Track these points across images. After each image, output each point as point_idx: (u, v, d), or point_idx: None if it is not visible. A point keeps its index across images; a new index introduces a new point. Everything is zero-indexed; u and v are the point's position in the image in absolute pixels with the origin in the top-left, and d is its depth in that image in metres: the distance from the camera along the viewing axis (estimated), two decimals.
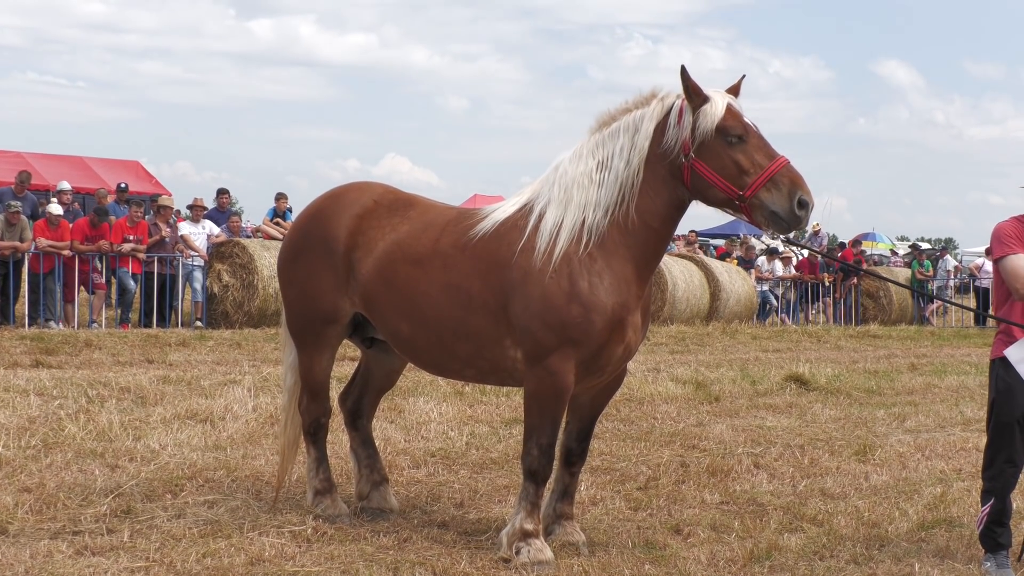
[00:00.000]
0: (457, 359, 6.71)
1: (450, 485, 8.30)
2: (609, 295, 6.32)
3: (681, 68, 6.15)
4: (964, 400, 14.19)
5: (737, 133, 6.20)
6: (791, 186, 6.11)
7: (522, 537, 6.38)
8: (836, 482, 8.87)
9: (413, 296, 6.62)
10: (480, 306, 6.47)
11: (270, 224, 22.71)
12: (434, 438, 9.97)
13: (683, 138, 6.25)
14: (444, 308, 6.55)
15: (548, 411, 6.43)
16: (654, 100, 6.45)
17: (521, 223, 6.50)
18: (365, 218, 6.90)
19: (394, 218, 6.88)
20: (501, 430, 10.53)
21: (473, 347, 6.58)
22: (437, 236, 6.67)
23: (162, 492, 7.62)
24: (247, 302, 19.60)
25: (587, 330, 6.29)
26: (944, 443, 10.76)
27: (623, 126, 6.43)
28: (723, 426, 11.40)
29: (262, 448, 9.21)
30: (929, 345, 23.64)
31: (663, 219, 6.44)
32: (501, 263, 6.43)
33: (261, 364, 14.88)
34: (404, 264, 6.66)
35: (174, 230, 20.32)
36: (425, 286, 6.59)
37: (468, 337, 6.55)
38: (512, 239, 6.45)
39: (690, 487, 8.52)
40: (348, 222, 6.91)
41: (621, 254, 6.37)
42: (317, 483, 7.31)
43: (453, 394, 12.20)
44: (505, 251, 6.43)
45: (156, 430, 9.62)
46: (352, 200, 7.04)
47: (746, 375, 15.31)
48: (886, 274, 30.17)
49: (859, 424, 11.95)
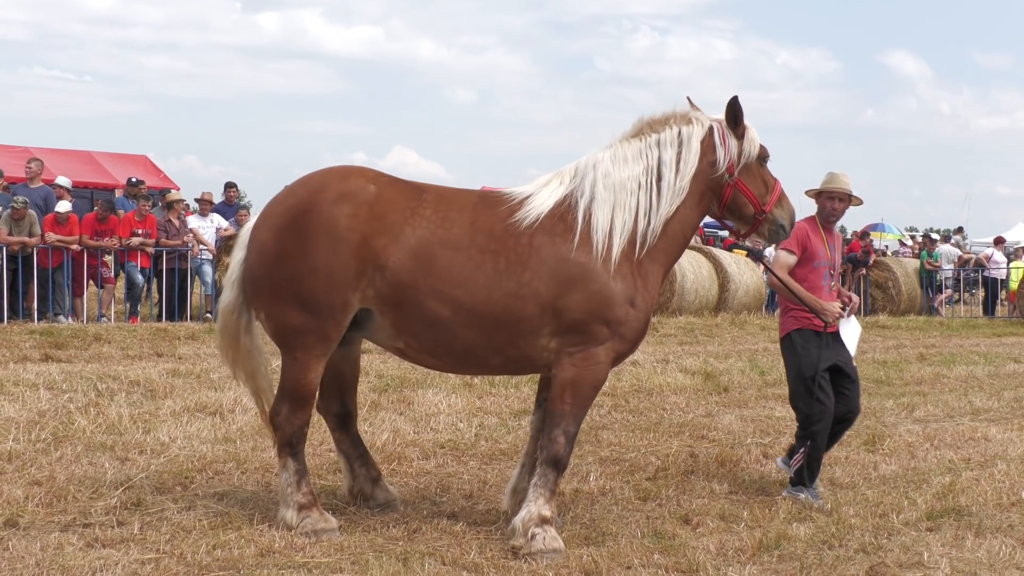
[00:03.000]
0: (491, 347, 6.68)
1: (459, 476, 8.32)
2: (652, 298, 6.80)
3: (735, 98, 6.88)
4: (973, 390, 14.18)
5: (766, 157, 7.11)
6: (789, 204, 7.21)
7: (539, 523, 6.44)
8: (845, 472, 8.88)
9: (458, 282, 6.52)
10: (531, 295, 6.52)
11: None
12: (443, 429, 9.99)
13: (731, 159, 6.89)
14: (492, 295, 6.52)
15: (582, 400, 6.65)
16: (692, 119, 6.94)
17: (568, 218, 6.65)
18: (377, 204, 6.57)
19: (411, 202, 6.66)
20: (510, 421, 10.55)
21: (510, 335, 6.61)
22: (471, 221, 6.63)
23: (172, 484, 7.65)
24: None
25: (636, 329, 6.70)
26: (953, 433, 10.76)
27: (668, 139, 6.86)
28: (732, 416, 11.40)
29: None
30: (938, 335, 23.59)
31: (694, 229, 7.08)
32: (557, 257, 6.56)
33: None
34: (444, 249, 6.53)
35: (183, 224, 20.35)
36: (470, 271, 6.53)
37: (509, 325, 6.57)
38: (563, 233, 6.61)
39: (699, 477, 8.53)
40: (359, 210, 6.52)
41: (659, 259, 6.82)
42: (301, 497, 6.72)
43: (462, 386, 12.21)
44: (560, 245, 6.58)
45: (166, 423, 9.64)
46: (353, 188, 6.62)
47: (755, 366, 15.31)
48: (894, 265, 30.10)
49: (868, 414, 11.93)
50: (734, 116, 6.91)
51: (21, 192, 19.18)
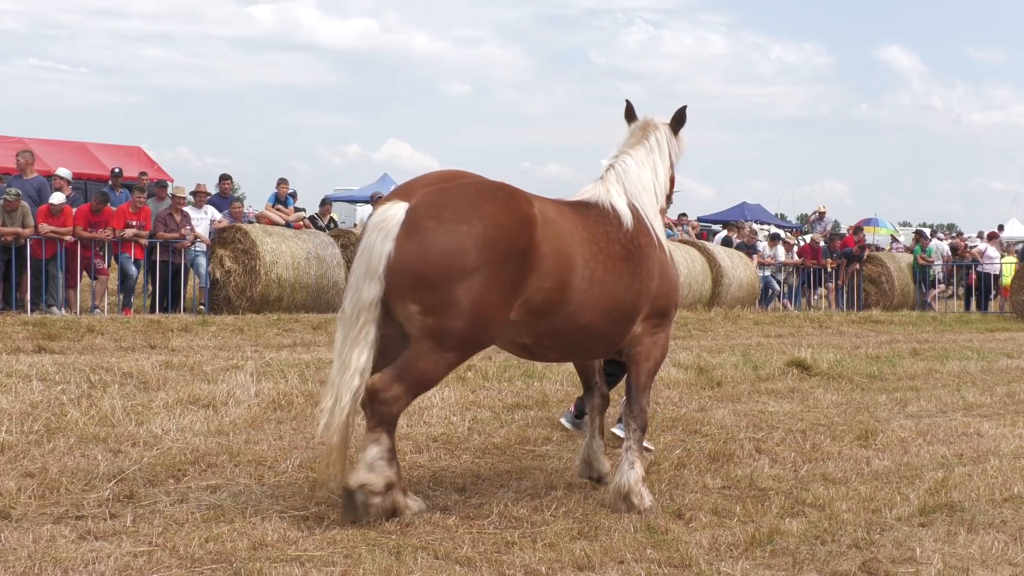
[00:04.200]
0: (610, 340, 7.36)
1: (452, 470, 8.31)
2: None
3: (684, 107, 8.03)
4: (966, 385, 14.20)
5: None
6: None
7: (643, 482, 7.36)
8: (838, 467, 8.88)
9: (608, 292, 7.10)
10: (644, 291, 7.35)
11: (272, 209, 22.72)
12: (436, 423, 9.98)
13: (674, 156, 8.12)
14: (626, 296, 7.23)
15: (656, 371, 7.74)
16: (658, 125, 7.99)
17: (637, 216, 7.51)
18: (536, 219, 6.77)
19: (549, 212, 6.96)
20: (503, 415, 10.54)
21: (626, 327, 7.36)
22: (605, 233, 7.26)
23: (165, 477, 7.63)
24: (249, 287, 19.65)
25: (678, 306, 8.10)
26: (945, 428, 10.77)
27: (656, 143, 7.91)
28: (725, 411, 11.40)
29: (264, 433, 9.22)
30: (931, 330, 23.63)
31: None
32: (652, 254, 7.45)
33: (263, 349, 14.91)
34: (598, 263, 7.06)
35: (186, 217, 20.25)
36: (615, 280, 7.14)
37: (630, 320, 7.35)
38: (645, 232, 7.50)
39: (692, 472, 8.52)
40: (525, 226, 6.69)
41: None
42: (393, 474, 6.76)
43: (455, 379, 12.20)
44: (648, 243, 7.46)
45: (159, 415, 9.62)
46: (535, 212, 6.80)
47: (748, 360, 15.31)
48: (888, 259, 30.15)
49: (861, 409, 11.96)
50: (680, 122, 8.05)
51: (15, 184, 19.12)
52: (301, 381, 11.55)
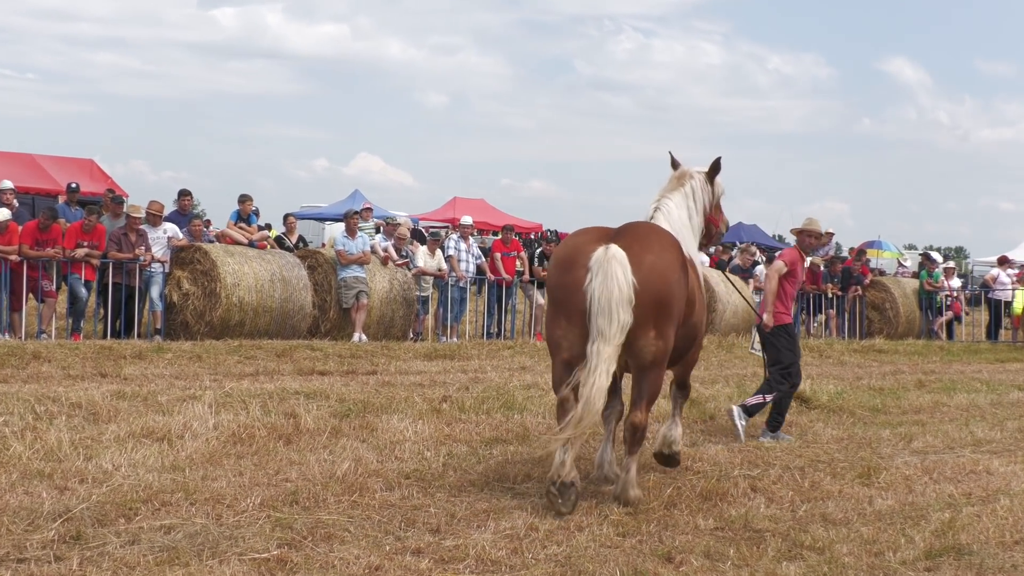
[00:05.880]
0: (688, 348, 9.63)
1: (426, 509, 8.28)
2: None
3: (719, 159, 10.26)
4: (974, 420, 14.25)
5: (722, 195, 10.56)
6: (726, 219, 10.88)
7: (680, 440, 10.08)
8: (838, 507, 8.89)
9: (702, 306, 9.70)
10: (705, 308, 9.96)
11: (234, 228, 22.66)
12: (409, 458, 9.96)
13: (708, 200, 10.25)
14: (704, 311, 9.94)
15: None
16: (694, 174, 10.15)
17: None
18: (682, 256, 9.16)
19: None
20: (481, 450, 10.52)
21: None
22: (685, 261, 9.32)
23: (115, 516, 7.58)
24: (208, 312, 19.55)
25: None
26: (953, 465, 10.81)
27: (691, 190, 10.05)
28: (718, 447, 11.42)
29: (223, 469, 9.17)
30: (938, 361, 23.72)
31: None
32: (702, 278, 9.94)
33: (223, 378, 14.84)
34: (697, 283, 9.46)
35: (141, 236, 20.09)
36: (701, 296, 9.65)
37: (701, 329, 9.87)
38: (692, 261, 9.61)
39: (682, 512, 8.52)
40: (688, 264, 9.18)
41: None
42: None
43: (429, 411, 12.19)
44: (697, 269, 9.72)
45: (109, 449, 9.57)
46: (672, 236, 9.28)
47: (743, 392, 15.32)
48: (892, 285, 30.23)
49: (863, 445, 11.98)
50: (715, 170, 10.24)
51: None
52: (263, 413, 11.51)
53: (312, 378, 15.49)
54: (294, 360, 17.21)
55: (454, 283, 23.03)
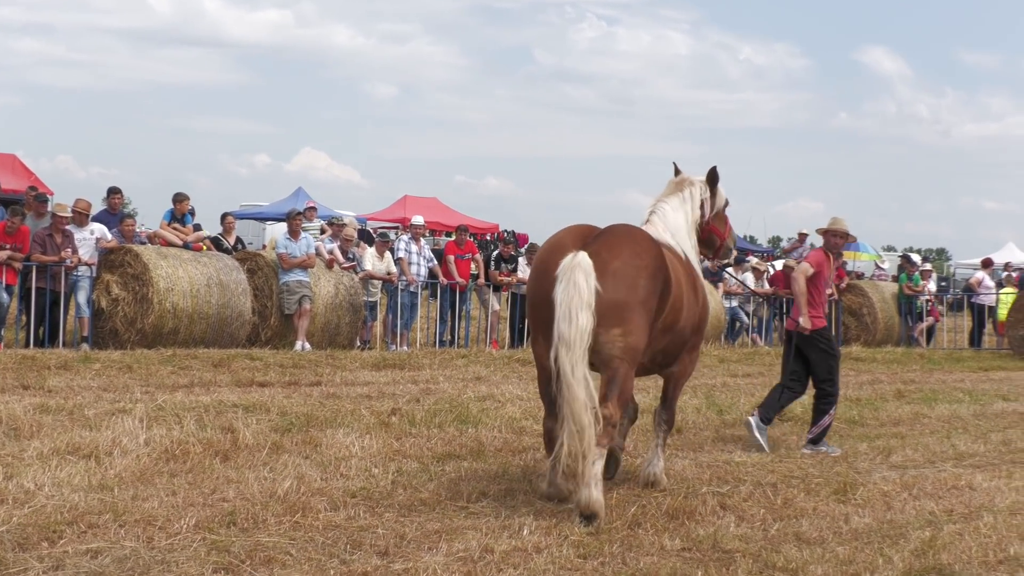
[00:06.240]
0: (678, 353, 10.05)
1: (373, 530, 8.26)
2: None
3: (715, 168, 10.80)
4: (956, 432, 14.37)
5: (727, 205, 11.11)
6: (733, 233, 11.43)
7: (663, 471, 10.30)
8: (812, 525, 8.94)
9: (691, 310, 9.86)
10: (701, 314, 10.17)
11: (168, 228, 22.56)
12: (355, 476, 9.94)
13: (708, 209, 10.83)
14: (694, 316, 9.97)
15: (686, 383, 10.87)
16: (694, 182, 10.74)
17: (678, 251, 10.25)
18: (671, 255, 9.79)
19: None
20: (432, 466, 10.52)
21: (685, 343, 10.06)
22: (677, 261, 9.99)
23: (37, 540, 7.53)
24: (140, 318, 19.46)
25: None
26: (934, 481, 10.89)
27: (688, 196, 10.64)
28: (685, 462, 11.46)
29: (155, 488, 9.13)
30: (918, 369, 23.91)
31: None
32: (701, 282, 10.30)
33: (155, 390, 14.77)
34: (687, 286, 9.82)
35: (68, 238, 19.96)
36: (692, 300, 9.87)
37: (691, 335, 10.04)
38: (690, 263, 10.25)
39: (648, 532, 8.54)
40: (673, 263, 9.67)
41: None
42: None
43: (377, 425, 12.18)
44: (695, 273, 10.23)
45: (31, 467, 9.51)
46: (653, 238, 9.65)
47: (712, 404, 15.42)
48: (870, 289, 30.42)
49: (839, 459, 12.06)
50: (714, 179, 10.80)
51: None
52: (199, 427, 11.46)
53: (251, 390, 15.44)
54: (232, 370, 17.15)
55: (404, 288, 23.02)
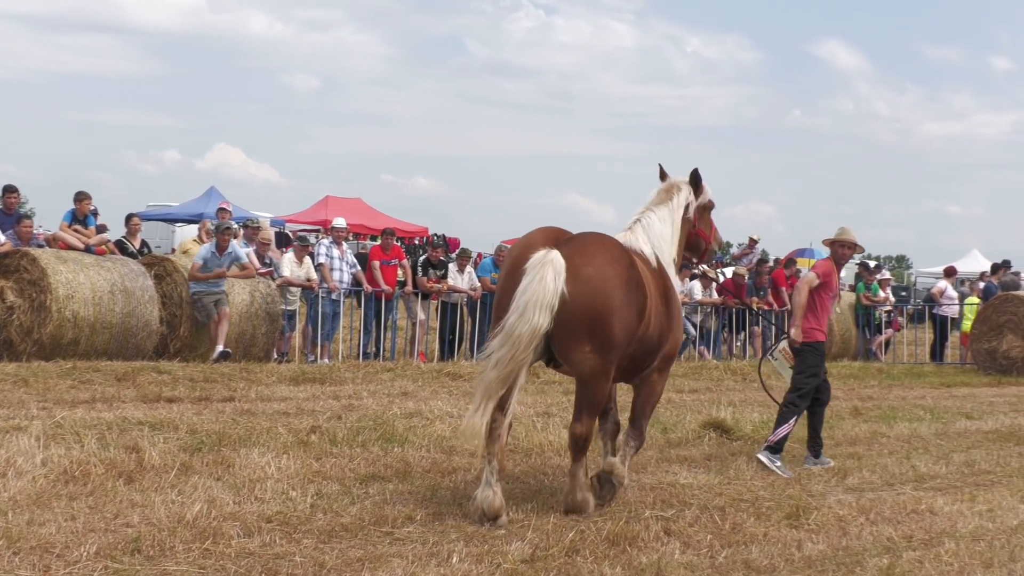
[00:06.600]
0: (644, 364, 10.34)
1: (290, 558, 8.21)
2: None
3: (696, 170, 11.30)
4: (916, 452, 14.50)
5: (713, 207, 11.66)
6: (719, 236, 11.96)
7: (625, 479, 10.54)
8: (763, 552, 8.97)
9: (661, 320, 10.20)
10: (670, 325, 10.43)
11: (69, 230, 22.35)
12: (271, 499, 9.87)
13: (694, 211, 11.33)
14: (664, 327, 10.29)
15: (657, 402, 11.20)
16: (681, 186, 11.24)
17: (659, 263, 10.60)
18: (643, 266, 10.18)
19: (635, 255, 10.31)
20: (355, 489, 10.47)
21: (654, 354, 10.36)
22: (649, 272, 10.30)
23: None
24: (37, 328, 19.24)
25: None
26: (892, 504, 10.97)
27: (678, 204, 11.09)
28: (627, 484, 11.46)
29: (53, 512, 9.02)
30: (876, 385, 24.09)
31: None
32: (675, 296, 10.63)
33: (53, 406, 14.61)
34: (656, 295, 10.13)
35: None
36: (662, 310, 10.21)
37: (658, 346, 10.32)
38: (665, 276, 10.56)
39: (586, 559, 8.54)
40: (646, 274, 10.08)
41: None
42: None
43: (296, 444, 12.11)
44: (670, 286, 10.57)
45: None
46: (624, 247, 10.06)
47: (655, 421, 15.43)
48: None
49: (791, 482, 12.13)
50: (697, 182, 11.28)
51: None
52: (101, 446, 11.35)
53: (158, 406, 15.32)
54: (137, 385, 17.01)
55: (325, 295, 22.95)
